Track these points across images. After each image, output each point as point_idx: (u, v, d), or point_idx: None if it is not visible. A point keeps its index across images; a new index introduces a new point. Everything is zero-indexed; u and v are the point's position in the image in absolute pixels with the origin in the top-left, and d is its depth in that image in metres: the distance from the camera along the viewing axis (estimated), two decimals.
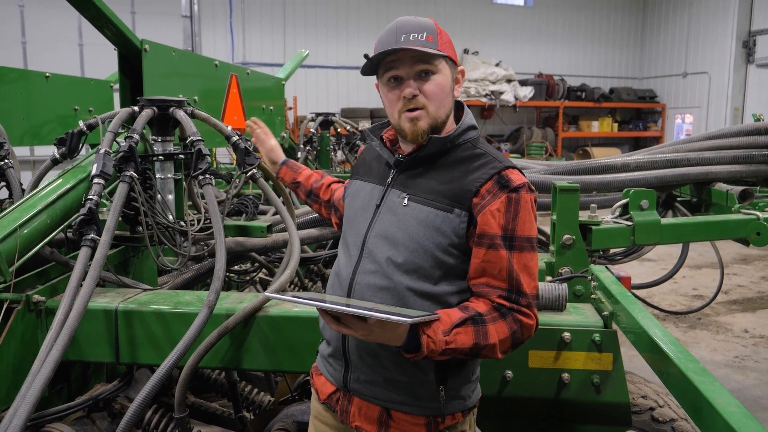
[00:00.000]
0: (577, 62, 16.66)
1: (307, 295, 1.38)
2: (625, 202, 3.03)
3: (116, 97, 3.12)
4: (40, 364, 1.47)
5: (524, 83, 15.03)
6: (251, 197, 2.97)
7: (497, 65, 14.67)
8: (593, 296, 2.05)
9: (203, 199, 2.40)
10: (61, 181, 2.03)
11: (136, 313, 1.88)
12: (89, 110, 3.86)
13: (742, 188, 3.63)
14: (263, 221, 2.65)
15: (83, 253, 1.76)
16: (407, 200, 1.41)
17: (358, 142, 5.38)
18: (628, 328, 1.76)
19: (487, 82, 14.29)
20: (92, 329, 1.87)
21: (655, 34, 16.72)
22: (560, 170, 3.61)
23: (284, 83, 4.55)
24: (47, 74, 3.54)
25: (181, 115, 2.16)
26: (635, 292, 3.65)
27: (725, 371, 4.39)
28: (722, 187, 3.77)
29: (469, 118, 1.49)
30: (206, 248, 2.38)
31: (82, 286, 1.64)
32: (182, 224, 2.23)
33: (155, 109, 2.14)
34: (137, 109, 2.14)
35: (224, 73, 3.36)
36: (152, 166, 2.18)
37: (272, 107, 4.21)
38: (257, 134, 2.18)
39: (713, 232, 3.33)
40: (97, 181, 1.88)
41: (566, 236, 2.62)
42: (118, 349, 1.88)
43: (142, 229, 2.05)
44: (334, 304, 1.24)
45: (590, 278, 2.20)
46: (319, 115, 5.11)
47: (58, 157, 2.16)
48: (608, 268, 2.21)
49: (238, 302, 1.93)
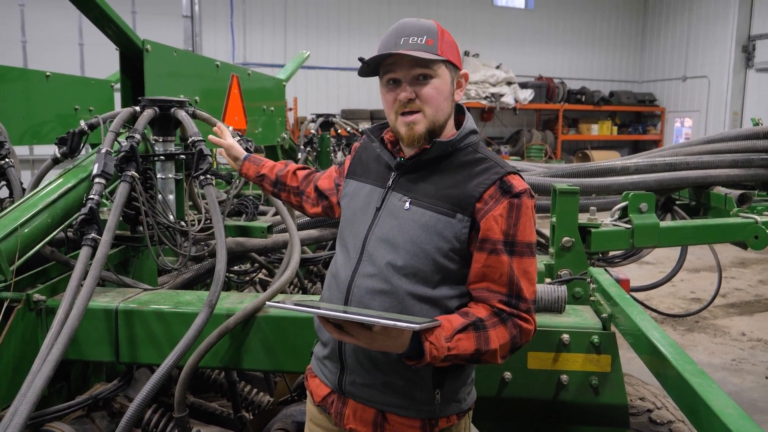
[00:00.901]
0: (577, 65, 16.68)
1: (306, 302, 1.37)
2: (624, 205, 3.04)
3: (117, 96, 3.12)
4: (40, 363, 1.48)
5: (524, 86, 15.06)
6: (251, 198, 2.97)
7: (497, 68, 14.69)
8: (592, 298, 2.05)
9: (204, 199, 2.41)
10: (62, 180, 2.04)
11: (136, 312, 1.88)
12: (90, 110, 3.86)
13: (740, 192, 3.64)
14: (263, 222, 2.66)
15: (84, 252, 1.76)
16: (409, 204, 1.40)
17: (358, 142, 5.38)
18: (626, 330, 1.77)
19: (487, 84, 14.31)
20: (92, 328, 1.88)
21: (655, 37, 16.76)
22: (560, 173, 3.62)
23: (285, 84, 4.56)
24: (47, 73, 3.54)
25: (182, 115, 2.17)
26: (633, 294, 3.67)
27: (722, 374, 4.39)
28: (721, 190, 3.78)
29: (470, 122, 1.48)
30: (206, 248, 2.38)
31: (82, 285, 1.65)
32: (183, 224, 2.23)
33: (157, 109, 2.15)
34: (139, 109, 2.15)
35: (225, 73, 3.37)
36: (153, 166, 2.18)
37: (273, 108, 4.21)
38: (210, 137, 2.07)
39: (712, 235, 3.34)
40: (98, 180, 1.89)
41: (566, 238, 2.63)
42: (118, 348, 1.89)
43: (142, 228, 2.06)
44: (334, 311, 1.22)
45: (589, 280, 2.20)
46: (319, 116, 5.11)
47: (58, 156, 2.17)
48: (607, 270, 2.21)
49: (238, 302, 1.94)
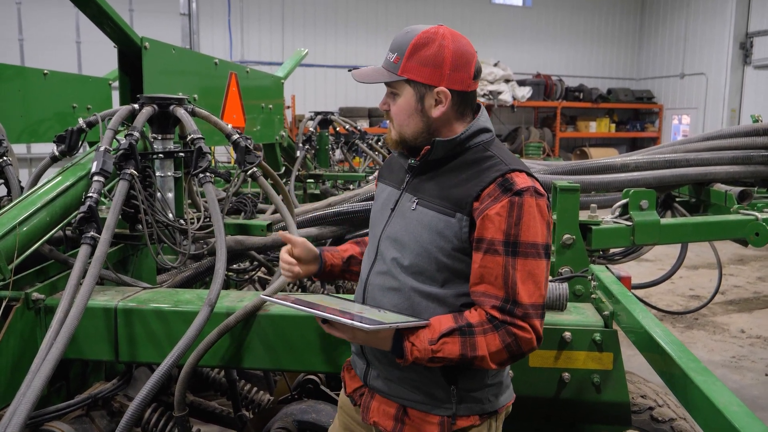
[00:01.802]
0: (575, 63, 16.68)
1: (306, 298, 1.40)
2: (624, 202, 3.04)
3: (115, 94, 3.11)
4: (39, 362, 1.47)
5: (522, 83, 15.05)
6: (250, 196, 2.96)
7: (495, 65, 14.68)
8: (593, 296, 2.05)
9: (203, 197, 2.39)
10: (60, 178, 2.03)
11: (135, 311, 1.87)
12: (88, 108, 3.85)
13: (740, 189, 3.64)
14: (263, 220, 2.65)
15: (83, 251, 1.75)
16: (416, 204, 1.42)
17: (357, 141, 5.38)
18: (628, 327, 1.76)
19: (485, 82, 14.30)
20: (92, 327, 1.87)
21: (652, 35, 16.76)
22: (560, 170, 3.62)
23: (283, 82, 4.54)
24: (45, 71, 3.52)
25: (181, 113, 2.16)
26: (633, 292, 3.66)
27: (722, 371, 4.40)
28: (721, 187, 3.78)
29: (480, 120, 1.44)
30: (206, 247, 2.37)
31: (81, 284, 1.64)
32: (182, 222, 2.22)
33: (155, 106, 2.14)
34: (137, 106, 2.13)
35: (224, 71, 3.35)
36: (152, 164, 2.17)
37: (271, 106, 4.20)
38: (281, 233, 1.68)
39: (712, 232, 3.34)
40: (97, 178, 1.88)
41: (566, 236, 2.62)
42: (117, 347, 1.88)
43: (141, 227, 2.05)
44: (326, 308, 1.27)
45: (590, 278, 2.20)
46: (317, 114, 5.10)
47: (57, 154, 2.16)
48: (608, 267, 2.21)
49: (238, 301, 1.93)
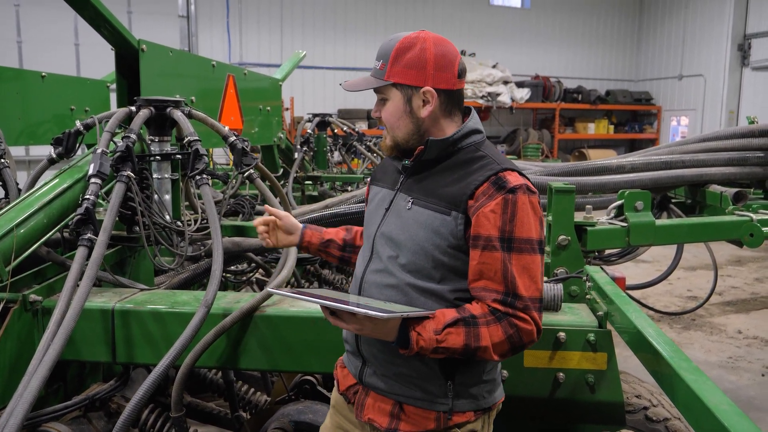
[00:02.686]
0: (573, 64, 16.71)
1: (308, 291, 1.43)
2: (620, 203, 3.05)
3: (113, 97, 3.11)
4: (37, 363, 1.48)
5: (521, 85, 15.07)
6: (248, 197, 2.97)
7: (494, 67, 14.70)
8: (588, 296, 2.06)
9: (200, 199, 2.40)
10: (58, 180, 2.04)
11: (132, 312, 1.88)
12: (86, 110, 3.86)
13: (736, 190, 3.65)
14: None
15: (80, 252, 1.76)
16: (411, 204, 1.46)
17: (355, 143, 5.39)
18: (622, 328, 1.77)
19: (483, 83, 14.32)
20: (89, 329, 1.88)
21: (651, 36, 16.79)
22: (556, 171, 3.63)
23: (281, 84, 4.55)
24: (43, 74, 3.53)
25: (178, 115, 2.17)
26: (630, 292, 3.68)
27: (719, 372, 4.41)
28: (716, 188, 3.79)
29: (472, 122, 1.49)
30: (203, 248, 2.38)
31: (78, 285, 1.65)
32: (179, 224, 2.23)
33: (152, 109, 2.15)
34: (134, 109, 2.14)
35: (221, 73, 3.37)
36: (149, 166, 2.18)
37: (269, 108, 4.21)
38: (266, 207, 1.84)
39: (707, 233, 3.35)
40: (94, 180, 1.89)
41: (562, 237, 2.63)
42: (114, 348, 1.89)
43: (139, 229, 2.06)
44: (333, 300, 1.28)
45: (585, 279, 2.21)
46: (316, 115, 5.11)
47: (54, 156, 2.17)
48: (603, 268, 2.22)
49: (235, 302, 1.94)
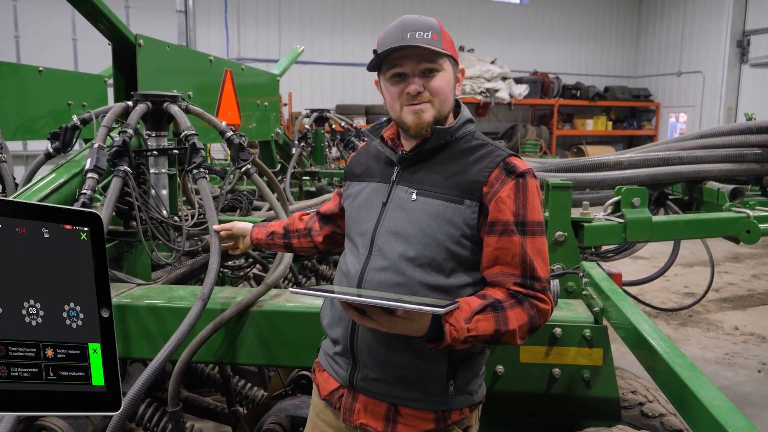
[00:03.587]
0: (572, 60, 16.69)
1: (324, 288, 1.39)
2: (617, 199, 3.05)
3: (110, 92, 3.11)
4: None
5: (519, 81, 15.06)
6: (245, 193, 2.98)
7: (493, 63, 14.68)
8: (584, 292, 2.07)
9: (197, 194, 2.40)
10: (54, 175, 2.03)
11: (129, 307, 1.88)
12: (83, 105, 3.85)
13: (733, 186, 3.66)
14: (258, 217, 2.66)
15: None
16: (415, 195, 1.42)
17: (353, 138, 5.39)
18: (618, 323, 1.78)
19: (482, 79, 14.31)
20: None
21: (649, 33, 16.78)
22: (553, 167, 3.64)
23: (279, 79, 4.54)
24: (40, 68, 3.52)
25: (175, 110, 2.16)
26: (627, 289, 3.69)
27: (715, 368, 4.43)
28: (713, 185, 3.80)
29: (466, 112, 1.52)
30: (200, 243, 2.38)
31: None
32: (176, 219, 2.23)
33: (149, 104, 2.14)
34: (131, 104, 2.14)
35: (219, 68, 3.36)
36: (146, 161, 2.18)
37: (267, 103, 4.20)
38: (216, 227, 1.92)
39: (704, 229, 3.36)
40: (90, 175, 1.89)
41: (558, 233, 2.64)
42: None
43: (135, 223, 2.06)
44: (351, 296, 1.24)
45: (582, 275, 2.22)
46: (313, 111, 5.11)
47: (51, 151, 2.17)
48: (599, 264, 2.23)
49: (232, 297, 1.94)
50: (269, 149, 4.48)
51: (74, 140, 2.17)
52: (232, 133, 2.27)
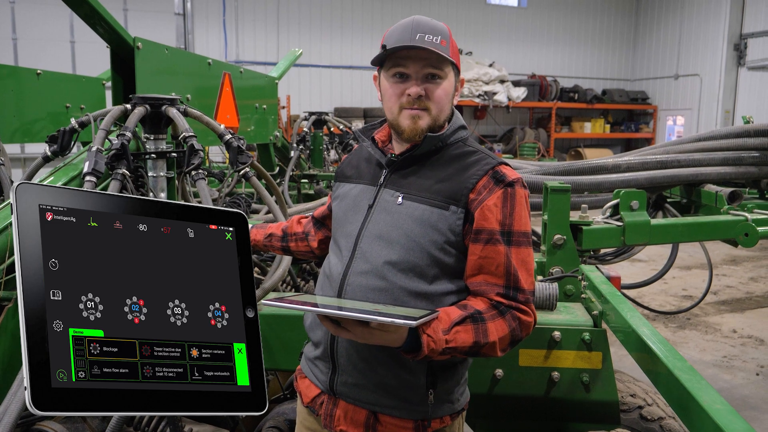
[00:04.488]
0: (570, 63, 16.74)
1: (300, 298, 1.34)
2: (615, 202, 3.06)
3: (108, 94, 3.11)
4: None
5: (517, 84, 15.09)
6: (244, 196, 2.97)
7: (491, 66, 14.72)
8: (583, 296, 2.07)
9: (196, 197, 2.40)
10: (52, 178, 2.03)
11: None
12: (81, 108, 3.84)
13: (731, 190, 3.67)
14: (256, 220, 2.66)
15: None
16: (401, 199, 1.40)
17: (351, 141, 5.39)
18: (617, 327, 1.78)
19: (480, 82, 14.33)
20: None
21: (647, 36, 16.83)
22: (552, 171, 3.64)
23: (277, 82, 4.54)
24: (38, 71, 3.52)
25: (173, 112, 2.16)
26: (625, 292, 3.69)
27: (714, 371, 4.43)
28: (712, 188, 3.81)
29: (458, 118, 1.50)
30: None
31: None
32: None
33: (148, 107, 2.14)
34: (129, 107, 2.14)
35: (217, 71, 3.36)
36: (144, 164, 2.17)
37: (265, 106, 4.20)
38: None
39: (702, 232, 3.37)
40: (89, 178, 1.88)
41: (557, 236, 2.64)
42: None
43: None
44: (328, 307, 1.21)
45: (581, 278, 2.22)
46: (312, 114, 5.11)
47: (49, 154, 2.16)
48: (598, 268, 2.23)
49: None
50: (268, 152, 4.48)
51: (72, 143, 2.16)
52: (230, 136, 2.27)
